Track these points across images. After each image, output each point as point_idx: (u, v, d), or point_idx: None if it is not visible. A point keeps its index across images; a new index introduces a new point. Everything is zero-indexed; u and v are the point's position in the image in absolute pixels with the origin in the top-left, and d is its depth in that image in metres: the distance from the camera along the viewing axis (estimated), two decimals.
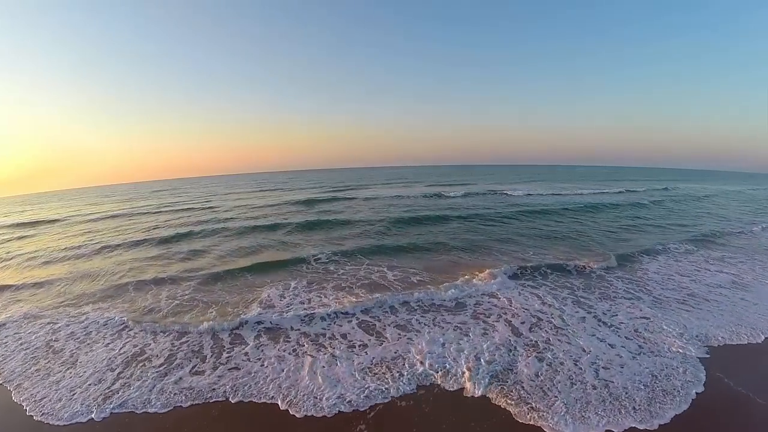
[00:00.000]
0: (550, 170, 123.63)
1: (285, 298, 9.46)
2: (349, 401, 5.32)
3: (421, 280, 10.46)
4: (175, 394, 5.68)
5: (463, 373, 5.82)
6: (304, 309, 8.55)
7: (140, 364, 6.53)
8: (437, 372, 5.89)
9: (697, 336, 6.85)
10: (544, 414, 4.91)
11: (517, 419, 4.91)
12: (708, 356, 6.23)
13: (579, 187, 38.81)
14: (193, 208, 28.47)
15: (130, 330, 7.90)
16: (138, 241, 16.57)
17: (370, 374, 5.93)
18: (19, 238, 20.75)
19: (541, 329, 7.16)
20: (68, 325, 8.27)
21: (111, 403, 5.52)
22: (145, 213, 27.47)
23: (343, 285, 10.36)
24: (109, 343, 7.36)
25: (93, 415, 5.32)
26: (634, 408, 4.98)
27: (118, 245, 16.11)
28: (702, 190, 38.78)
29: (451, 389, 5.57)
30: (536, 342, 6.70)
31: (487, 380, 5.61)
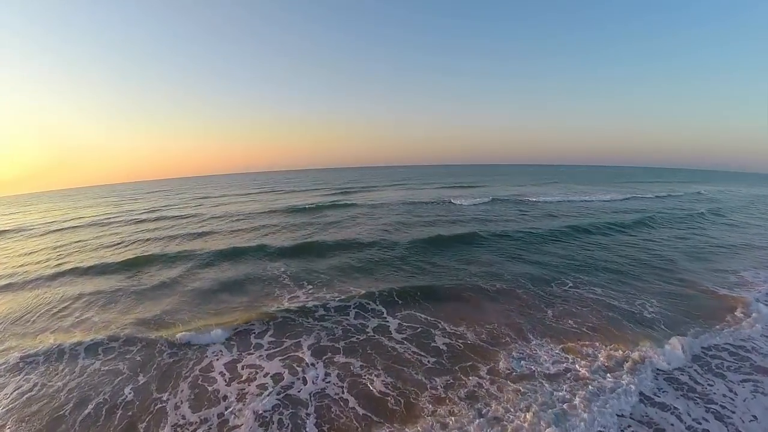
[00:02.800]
0: (554, 170, 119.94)
1: (236, 378, 6.28)
2: None
3: (448, 342, 7.24)
4: None
5: None
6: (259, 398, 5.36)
7: None
8: None
9: None
10: None
11: None
12: None
13: (604, 191, 35.36)
14: (178, 215, 25.48)
15: None
16: (91, 266, 13.38)
17: None
18: None
19: None
20: None
21: None
22: (125, 221, 24.52)
23: (323, 345, 7.34)
24: None
25: None
26: None
27: (67, 271, 13.01)
28: (732, 194, 35.73)
29: None
30: None
31: None
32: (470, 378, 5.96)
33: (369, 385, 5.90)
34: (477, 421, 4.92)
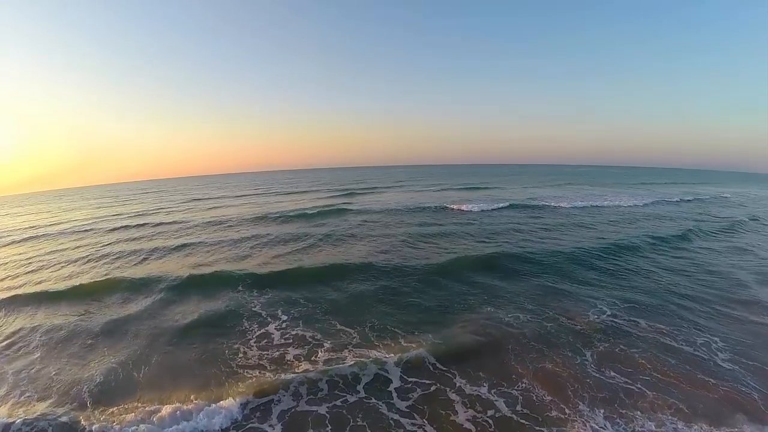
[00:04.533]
0: (557, 170, 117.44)
1: None
2: None
3: (473, 415, 5.48)
4: None
5: None
6: None
7: None
8: None
9: None
10: None
11: None
12: None
13: (624, 193, 33.52)
14: (164, 221, 23.39)
15: None
16: (45, 291, 11.20)
17: None
18: None
19: None
20: None
21: None
22: (107, 228, 22.36)
23: (300, 412, 5.58)
24: None
25: None
26: None
27: (16, 297, 10.84)
28: (752, 197, 34.09)
29: None
30: None
31: None
32: None
33: None
34: None
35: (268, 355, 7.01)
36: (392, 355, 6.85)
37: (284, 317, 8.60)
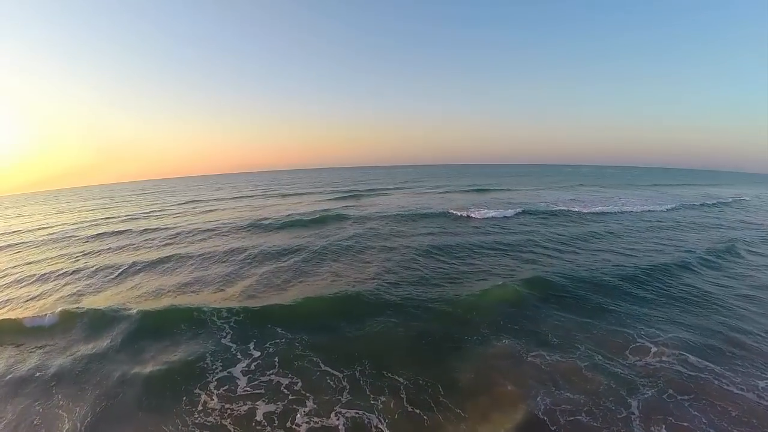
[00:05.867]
0: (557, 170, 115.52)
1: None
2: None
3: None
4: None
5: None
6: None
7: None
8: None
9: None
10: None
11: None
12: None
13: (640, 196, 31.94)
14: (152, 227, 21.75)
15: None
16: None
17: None
18: None
19: None
20: None
21: None
22: (90, 235, 20.83)
23: None
24: None
25: None
26: None
27: None
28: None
29: None
30: None
31: None
32: None
33: None
34: None
35: (233, 410, 5.59)
36: (394, 416, 5.44)
37: (257, 353, 7.19)
